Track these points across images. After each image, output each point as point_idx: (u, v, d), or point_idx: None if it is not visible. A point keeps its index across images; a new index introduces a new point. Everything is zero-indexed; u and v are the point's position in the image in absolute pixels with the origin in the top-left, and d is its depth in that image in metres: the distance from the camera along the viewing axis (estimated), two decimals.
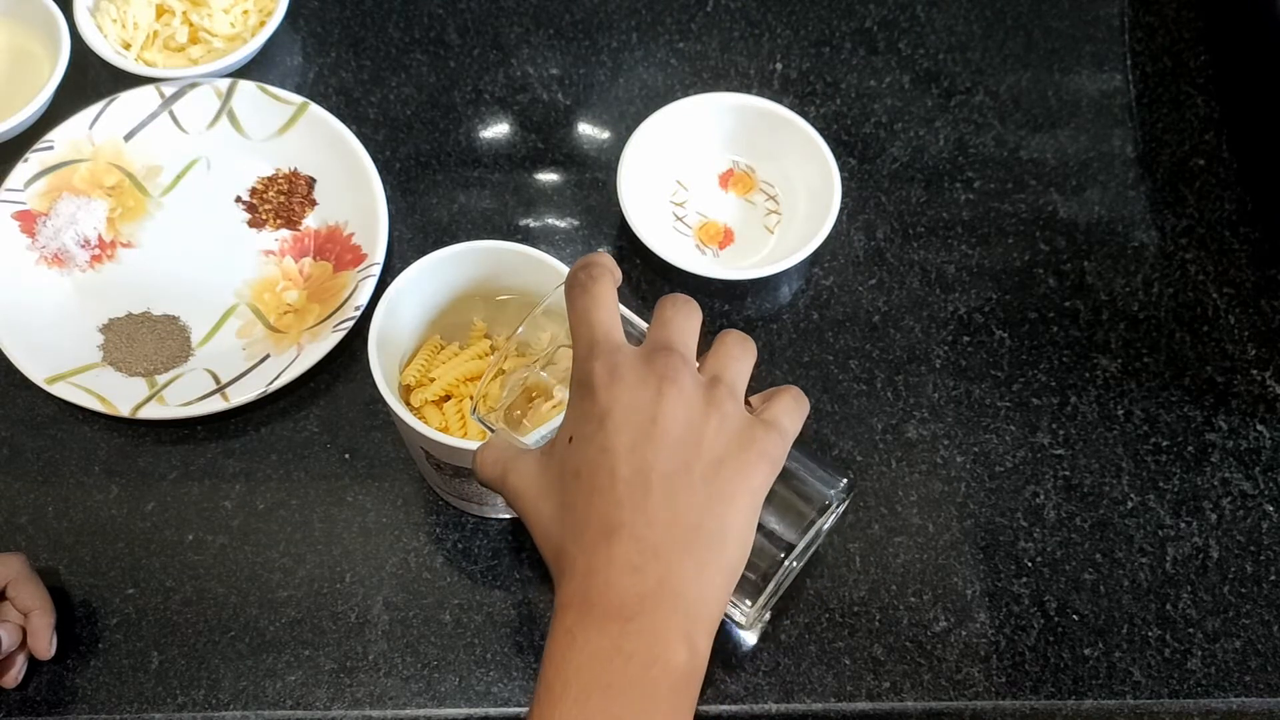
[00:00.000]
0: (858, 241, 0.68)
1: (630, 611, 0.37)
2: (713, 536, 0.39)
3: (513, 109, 0.72)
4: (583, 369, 0.41)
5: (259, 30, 0.70)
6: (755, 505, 0.40)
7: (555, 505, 0.40)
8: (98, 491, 0.60)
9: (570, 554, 0.39)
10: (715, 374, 0.41)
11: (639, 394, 0.40)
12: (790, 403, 0.42)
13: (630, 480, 0.38)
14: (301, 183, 0.68)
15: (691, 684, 0.38)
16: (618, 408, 0.39)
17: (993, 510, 0.60)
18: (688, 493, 0.39)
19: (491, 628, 0.56)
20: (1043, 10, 0.77)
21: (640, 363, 0.40)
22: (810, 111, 0.72)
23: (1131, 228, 0.69)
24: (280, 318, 0.64)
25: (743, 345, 0.43)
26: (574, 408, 0.41)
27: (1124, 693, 0.55)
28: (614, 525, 0.38)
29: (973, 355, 0.64)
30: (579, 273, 0.43)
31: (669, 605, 0.38)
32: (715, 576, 0.39)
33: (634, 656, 0.37)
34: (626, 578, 0.38)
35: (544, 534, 0.41)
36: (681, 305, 0.43)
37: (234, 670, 0.55)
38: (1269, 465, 0.61)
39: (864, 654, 0.56)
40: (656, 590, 0.38)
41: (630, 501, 0.38)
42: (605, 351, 0.41)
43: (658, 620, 0.37)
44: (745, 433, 0.40)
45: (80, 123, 0.68)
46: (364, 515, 0.59)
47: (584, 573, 0.38)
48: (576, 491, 0.39)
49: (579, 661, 0.37)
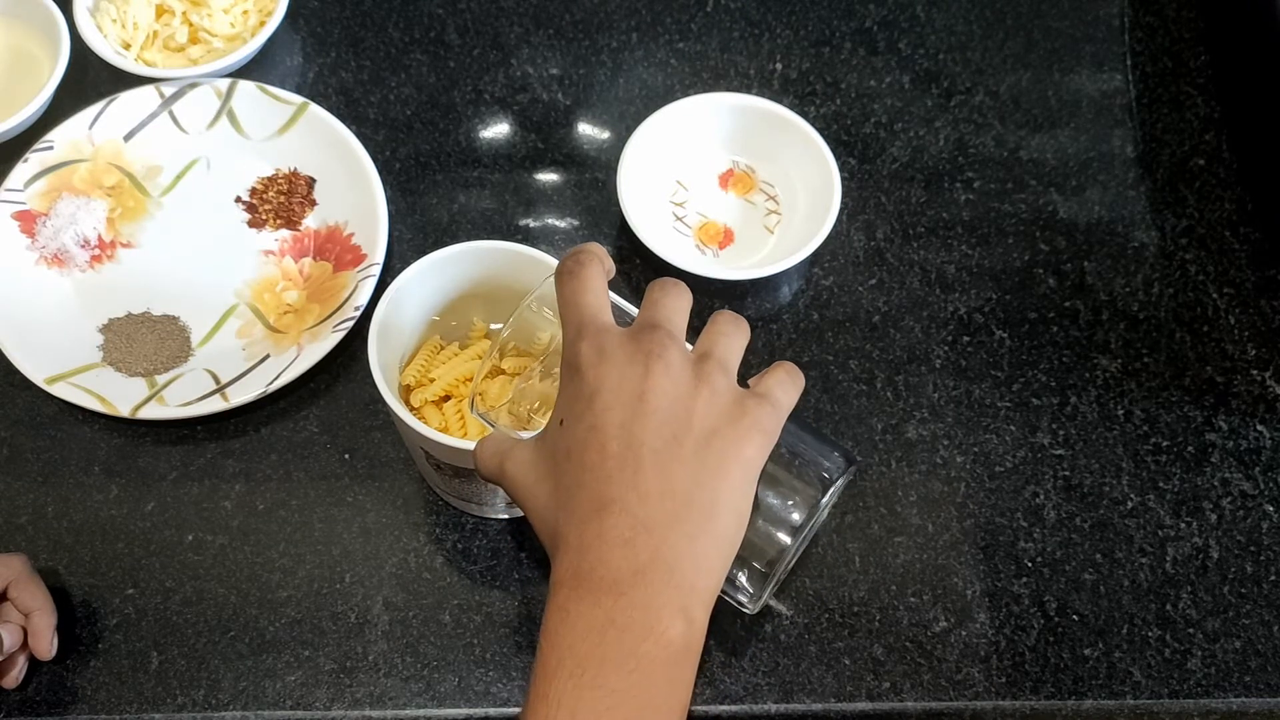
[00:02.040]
0: (858, 241, 0.68)
1: (623, 585, 0.37)
2: (705, 509, 0.39)
3: (513, 109, 0.72)
4: (571, 351, 0.41)
5: (259, 30, 0.70)
6: (750, 477, 0.40)
7: (550, 488, 0.40)
8: (98, 491, 0.60)
9: (563, 532, 0.39)
10: (705, 350, 0.42)
11: (627, 371, 0.40)
12: (783, 376, 0.43)
13: (620, 456, 0.39)
14: (301, 183, 0.68)
15: (689, 656, 0.38)
16: (606, 386, 0.40)
17: (993, 510, 0.60)
18: (678, 466, 0.39)
19: (491, 628, 0.56)
20: (1043, 10, 0.77)
21: (628, 341, 0.41)
22: (810, 111, 0.72)
23: (1131, 228, 0.69)
24: (280, 318, 0.64)
25: (735, 323, 0.43)
26: (564, 390, 0.41)
27: (1124, 693, 0.55)
28: (605, 501, 0.38)
29: (973, 355, 0.64)
30: (567, 260, 0.44)
31: (662, 578, 0.38)
32: (709, 549, 0.39)
33: (628, 630, 0.37)
34: (618, 551, 0.38)
35: (540, 517, 0.41)
36: (670, 287, 0.43)
37: (234, 670, 0.55)
38: (1269, 465, 0.61)
39: (864, 654, 0.56)
40: (649, 564, 0.38)
41: (620, 477, 0.38)
42: (592, 332, 0.41)
43: (651, 593, 0.37)
44: (737, 406, 0.40)
45: (80, 123, 0.68)
46: (364, 515, 0.59)
47: (576, 549, 0.38)
48: (569, 471, 0.39)
49: (573, 636, 0.37)
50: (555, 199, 0.69)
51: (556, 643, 0.37)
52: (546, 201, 0.69)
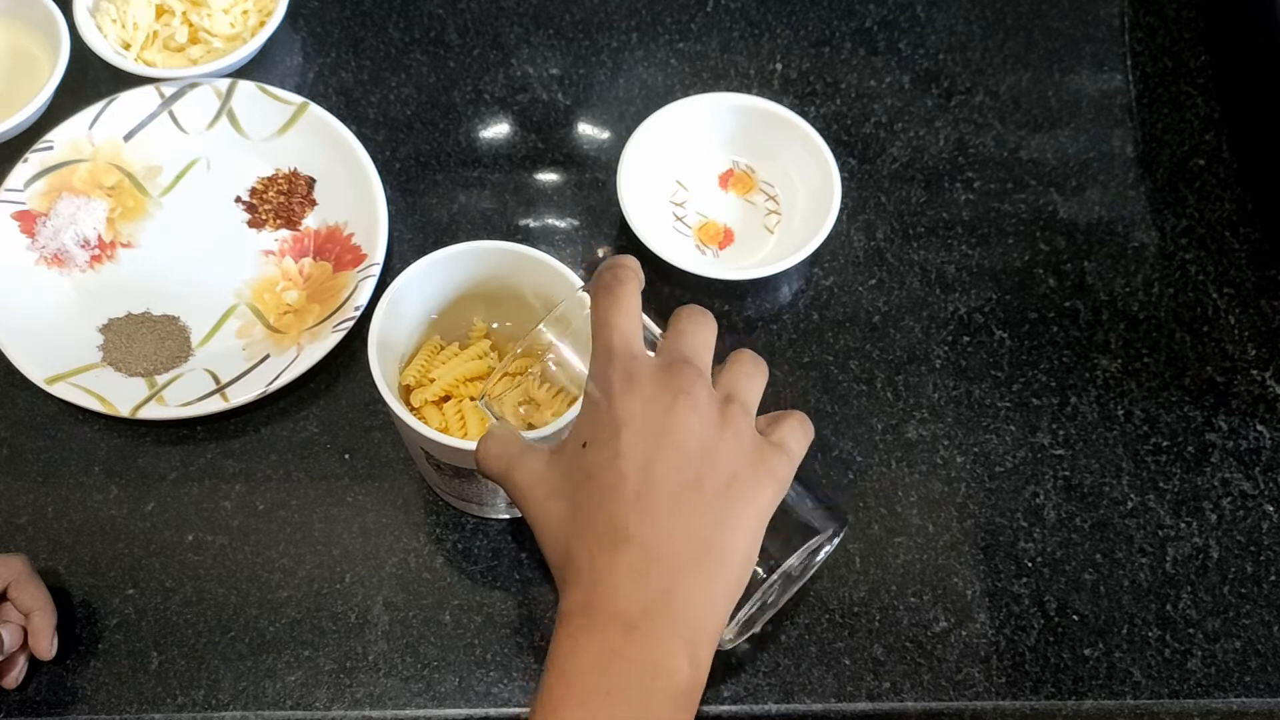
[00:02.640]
0: (858, 241, 0.68)
1: (633, 619, 0.37)
2: (719, 552, 0.39)
3: (513, 109, 0.72)
4: (601, 374, 0.41)
5: (259, 30, 0.70)
6: (761, 524, 0.40)
7: (564, 507, 0.40)
8: (98, 491, 0.60)
9: (577, 559, 0.39)
10: (729, 392, 0.42)
11: (654, 405, 0.40)
12: (796, 425, 0.43)
13: (640, 491, 0.39)
14: (301, 183, 0.68)
15: (692, 697, 0.38)
16: (633, 418, 0.40)
17: (993, 510, 0.60)
18: (697, 507, 0.39)
19: (491, 628, 0.56)
20: (1043, 10, 0.77)
21: (657, 373, 0.41)
22: (810, 111, 0.72)
23: (1131, 228, 0.69)
24: (280, 318, 0.64)
25: (756, 364, 0.43)
26: (589, 413, 0.41)
27: (1124, 693, 0.55)
28: (623, 534, 0.38)
29: (973, 355, 0.64)
30: (605, 274, 0.43)
31: (672, 617, 0.38)
32: (718, 592, 0.39)
33: (635, 663, 0.37)
34: (631, 585, 0.38)
35: (550, 535, 0.41)
36: (698, 317, 0.43)
37: (234, 671, 0.55)
38: (1269, 465, 0.61)
39: (864, 654, 0.56)
40: (661, 602, 0.38)
41: (639, 512, 0.38)
42: (624, 359, 0.41)
43: (661, 631, 0.38)
44: (756, 451, 0.41)
45: (80, 123, 0.67)
46: (364, 515, 0.59)
47: (589, 579, 0.38)
48: (587, 496, 0.39)
49: (580, 665, 0.37)
50: (555, 199, 0.69)
51: (564, 670, 0.38)
52: (546, 201, 0.69)
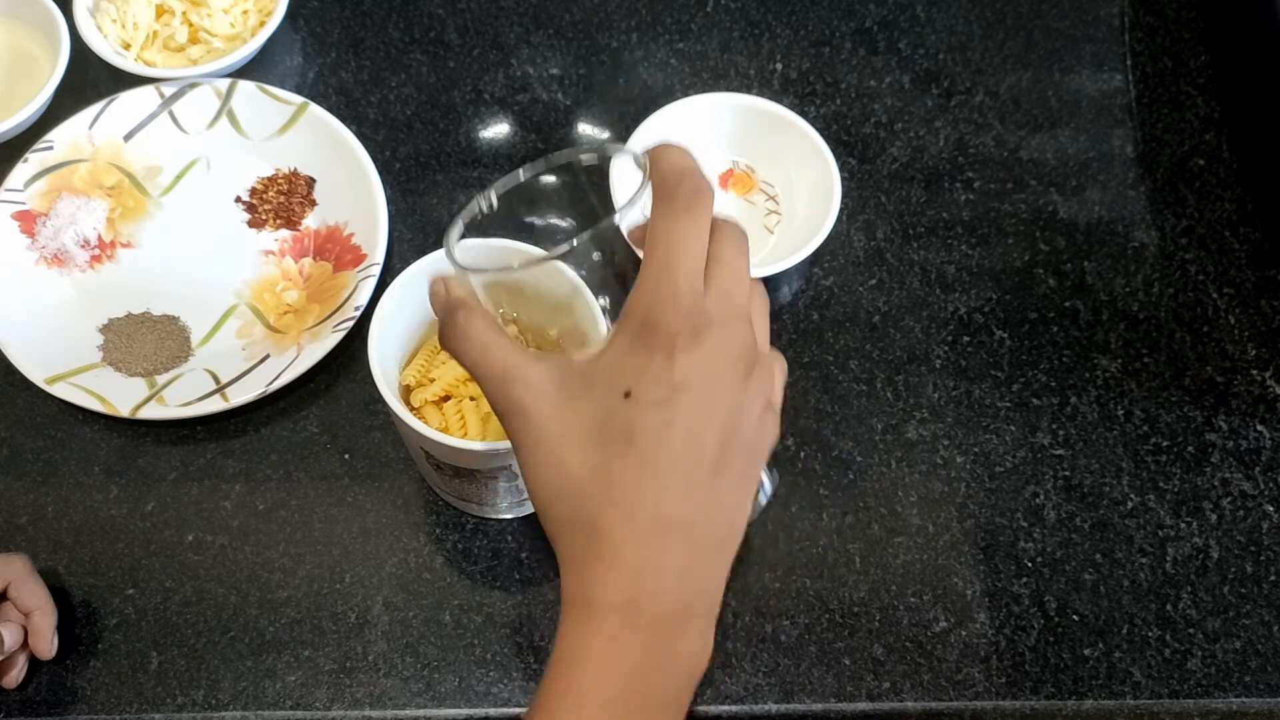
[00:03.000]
0: (858, 241, 0.68)
1: (676, 621, 0.36)
2: (738, 532, 0.38)
3: (513, 109, 0.72)
4: (660, 314, 0.35)
5: (259, 30, 0.70)
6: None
7: (587, 460, 0.35)
8: (98, 491, 0.60)
9: (612, 536, 0.35)
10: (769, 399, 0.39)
11: (718, 374, 0.36)
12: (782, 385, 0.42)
13: (691, 472, 0.35)
14: (301, 183, 0.68)
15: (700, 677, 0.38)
16: (693, 383, 0.35)
17: (993, 510, 0.60)
18: (729, 491, 0.37)
19: (491, 628, 0.56)
20: (1043, 10, 0.77)
21: (722, 335, 0.36)
22: (810, 111, 0.72)
23: (1131, 228, 0.69)
24: (280, 318, 0.64)
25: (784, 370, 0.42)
26: (640, 357, 0.35)
27: (1124, 693, 0.55)
28: (672, 518, 0.35)
29: (973, 355, 0.64)
30: (686, 181, 0.36)
31: (703, 609, 0.37)
32: (728, 567, 0.38)
33: (670, 672, 0.36)
34: (677, 583, 0.36)
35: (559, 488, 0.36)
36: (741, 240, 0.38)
37: (234, 671, 0.55)
38: (1269, 465, 0.61)
39: (864, 654, 0.56)
40: (699, 596, 0.36)
41: (687, 494, 0.35)
42: (689, 302, 0.35)
43: (692, 627, 0.36)
44: (772, 428, 0.40)
45: (80, 123, 0.67)
46: (364, 515, 0.59)
47: (634, 570, 0.35)
48: (624, 462, 0.35)
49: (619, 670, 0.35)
50: (555, 199, 0.69)
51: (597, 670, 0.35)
52: (546, 201, 0.69)
